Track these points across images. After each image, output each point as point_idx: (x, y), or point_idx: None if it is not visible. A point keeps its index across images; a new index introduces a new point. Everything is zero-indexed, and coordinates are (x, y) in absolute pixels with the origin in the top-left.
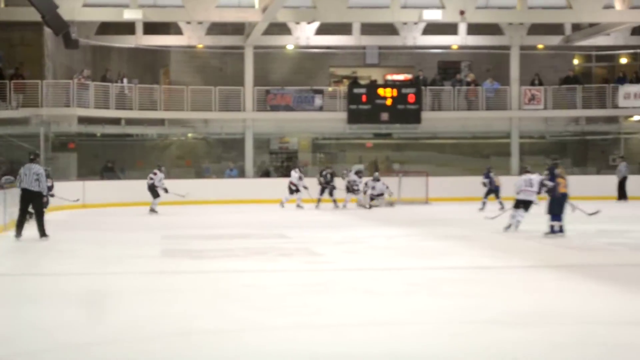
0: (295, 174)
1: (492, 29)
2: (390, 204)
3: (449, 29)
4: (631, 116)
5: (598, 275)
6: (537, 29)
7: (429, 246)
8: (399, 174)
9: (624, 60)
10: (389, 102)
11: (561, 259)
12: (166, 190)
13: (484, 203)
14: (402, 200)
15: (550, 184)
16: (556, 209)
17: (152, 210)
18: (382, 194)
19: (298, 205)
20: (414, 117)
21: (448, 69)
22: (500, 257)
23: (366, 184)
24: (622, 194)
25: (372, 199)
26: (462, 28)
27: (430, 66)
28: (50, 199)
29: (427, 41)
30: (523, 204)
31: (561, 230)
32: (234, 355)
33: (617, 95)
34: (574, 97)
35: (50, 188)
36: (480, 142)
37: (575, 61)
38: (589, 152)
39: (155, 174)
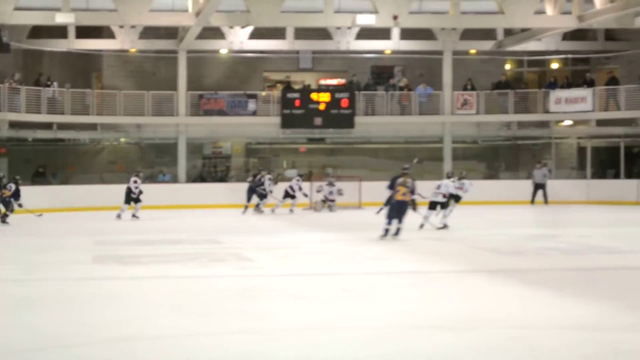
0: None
1: (425, 34)
2: (329, 208)
3: (382, 33)
4: (562, 121)
5: (531, 280)
6: (469, 34)
7: (362, 251)
8: (332, 179)
9: (555, 66)
10: (322, 106)
11: (493, 263)
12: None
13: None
14: (336, 205)
15: (390, 191)
16: (392, 214)
17: (134, 216)
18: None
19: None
20: (348, 121)
21: (381, 73)
22: (433, 262)
23: (317, 190)
24: (534, 198)
25: (324, 201)
26: (395, 33)
27: (363, 71)
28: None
29: (360, 46)
30: (432, 205)
31: (397, 233)
32: None
33: (548, 100)
34: (506, 102)
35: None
36: (413, 147)
37: (507, 66)
38: (521, 156)
39: (135, 181)
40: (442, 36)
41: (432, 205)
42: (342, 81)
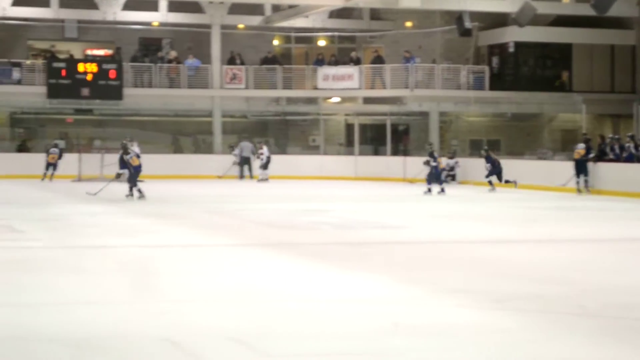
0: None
1: (193, 6)
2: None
3: (150, 5)
4: (330, 98)
5: (306, 253)
6: (238, 9)
7: (135, 224)
8: (101, 151)
9: (322, 43)
10: (89, 77)
11: (267, 237)
12: None
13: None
14: (106, 178)
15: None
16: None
17: None
18: None
19: None
20: (115, 93)
21: (149, 45)
22: (210, 236)
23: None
24: (247, 173)
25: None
26: (163, 5)
27: (131, 42)
28: None
29: (127, 17)
30: None
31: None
32: None
33: (316, 77)
34: (274, 77)
35: None
36: (182, 120)
37: (275, 42)
38: (290, 132)
39: None
40: (211, 10)
41: None
42: (109, 52)
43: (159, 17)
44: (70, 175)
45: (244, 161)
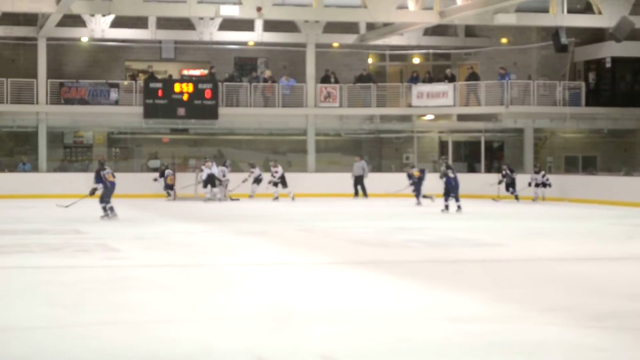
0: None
1: (288, 26)
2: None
3: (246, 25)
4: (424, 115)
5: (399, 271)
6: (332, 27)
7: (229, 242)
8: (196, 170)
9: (416, 60)
10: (185, 97)
11: (359, 255)
12: None
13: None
14: (200, 196)
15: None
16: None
17: None
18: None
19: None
20: (211, 112)
21: (245, 65)
22: (303, 254)
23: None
24: (359, 191)
25: None
26: (259, 24)
27: (226, 62)
28: None
29: (223, 37)
30: None
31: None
32: (36, 353)
33: (410, 95)
34: (369, 96)
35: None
36: (276, 139)
37: (370, 60)
38: (384, 150)
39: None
40: (306, 29)
41: None
42: (204, 72)
43: (254, 36)
44: (164, 194)
45: (357, 180)
